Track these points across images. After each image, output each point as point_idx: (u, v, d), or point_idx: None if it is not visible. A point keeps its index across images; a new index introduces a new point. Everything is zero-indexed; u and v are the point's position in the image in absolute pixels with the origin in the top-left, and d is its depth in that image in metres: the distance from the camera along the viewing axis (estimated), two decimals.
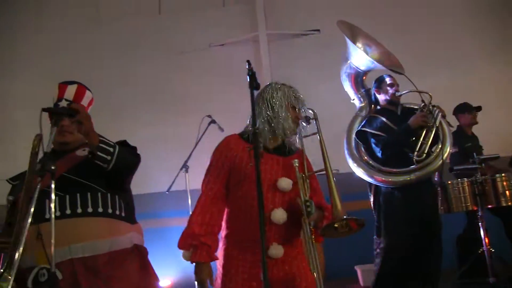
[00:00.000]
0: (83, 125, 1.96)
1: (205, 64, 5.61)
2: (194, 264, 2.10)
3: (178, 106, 5.45)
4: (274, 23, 5.70)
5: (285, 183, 2.14)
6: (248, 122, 2.33)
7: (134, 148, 2.36)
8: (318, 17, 5.74)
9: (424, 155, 3.34)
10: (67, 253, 1.99)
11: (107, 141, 2.08)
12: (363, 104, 3.85)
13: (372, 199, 3.70)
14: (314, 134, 2.27)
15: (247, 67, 1.89)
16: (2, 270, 1.71)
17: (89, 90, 2.42)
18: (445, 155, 3.34)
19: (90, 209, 2.09)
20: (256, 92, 2.08)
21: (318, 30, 5.62)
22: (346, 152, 3.74)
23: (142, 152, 2.50)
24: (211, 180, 2.23)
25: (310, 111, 2.28)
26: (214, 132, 4.28)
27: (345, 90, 3.97)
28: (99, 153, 2.04)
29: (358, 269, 4.56)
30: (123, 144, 2.32)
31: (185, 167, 4.21)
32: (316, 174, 2.28)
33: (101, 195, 2.14)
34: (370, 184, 3.66)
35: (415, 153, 3.34)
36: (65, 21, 6.07)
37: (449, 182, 3.85)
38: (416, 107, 3.60)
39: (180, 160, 4.26)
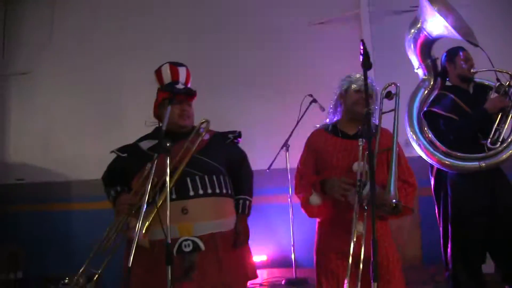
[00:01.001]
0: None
1: (304, 43, 5.58)
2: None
3: (279, 86, 5.47)
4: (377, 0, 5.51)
5: (357, 166, 2.25)
6: (329, 112, 2.63)
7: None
8: None
9: (499, 142, 3.01)
10: (209, 227, 2.24)
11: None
12: (427, 76, 3.44)
13: (433, 183, 3.37)
14: (391, 110, 2.32)
15: (361, 46, 1.86)
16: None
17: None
18: None
19: (224, 190, 2.37)
20: (369, 72, 2.10)
21: None
22: (407, 128, 3.40)
23: (246, 132, 2.62)
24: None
25: (393, 86, 2.34)
26: (315, 111, 4.29)
27: (409, 57, 3.62)
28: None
29: None
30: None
31: (285, 146, 4.29)
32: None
33: (223, 178, 2.40)
34: (432, 167, 3.35)
35: (489, 139, 3.03)
36: (164, 4, 6.32)
37: None
38: (488, 83, 3.28)
39: (281, 139, 4.33)
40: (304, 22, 5.62)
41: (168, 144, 1.94)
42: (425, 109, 3.29)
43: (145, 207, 1.92)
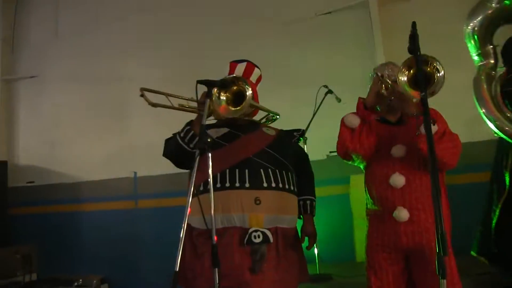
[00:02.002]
0: None
1: (313, 34, 5.51)
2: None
3: (292, 78, 5.41)
4: None
5: (397, 150, 2.31)
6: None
7: None
8: None
9: None
10: (275, 221, 2.23)
11: None
12: (488, 62, 3.53)
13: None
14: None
15: (411, 29, 1.80)
16: None
17: (257, 67, 2.64)
18: None
19: (292, 187, 2.36)
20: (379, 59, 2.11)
21: None
22: (481, 110, 3.44)
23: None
24: None
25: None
26: (331, 102, 4.24)
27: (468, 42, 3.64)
28: None
29: None
30: None
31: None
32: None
33: (291, 175, 2.40)
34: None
35: None
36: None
37: None
38: None
39: None
40: (312, 12, 5.53)
41: (209, 140, 1.91)
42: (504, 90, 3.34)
43: (190, 200, 1.88)
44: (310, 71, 5.29)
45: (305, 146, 4.21)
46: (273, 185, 2.24)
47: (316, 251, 4.15)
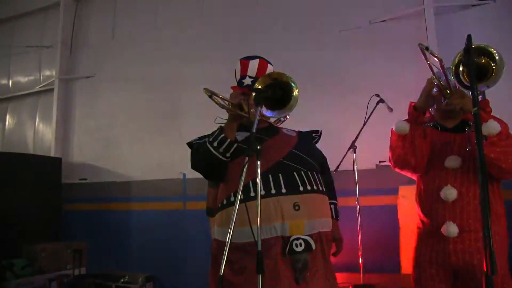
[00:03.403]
0: None
1: (367, 42, 5.45)
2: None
3: (344, 85, 5.36)
4: None
5: (451, 161, 2.22)
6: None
7: None
8: None
9: None
10: (317, 226, 2.13)
11: None
12: None
13: None
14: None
15: (466, 42, 1.75)
16: None
17: (270, 63, 2.48)
18: None
19: (324, 188, 2.26)
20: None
21: (494, 0, 5.13)
22: None
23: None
24: None
25: None
26: (382, 111, 4.17)
27: None
28: None
29: None
30: None
31: (353, 147, 4.18)
32: None
33: (320, 176, 2.30)
34: None
35: None
36: (224, 4, 6.35)
37: None
38: None
39: (347, 141, 4.23)
40: (366, 21, 5.48)
41: (258, 147, 1.81)
42: None
43: (237, 205, 1.74)
44: (363, 79, 5.22)
45: (354, 155, 4.18)
46: (309, 188, 2.12)
47: (360, 260, 4.08)
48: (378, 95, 4.24)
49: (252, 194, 2.03)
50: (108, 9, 7.30)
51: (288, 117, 2.72)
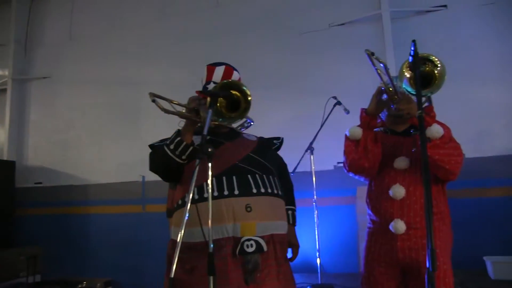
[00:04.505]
0: None
1: (326, 45, 5.54)
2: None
3: (302, 88, 5.42)
4: (398, 0, 5.45)
5: (400, 162, 2.30)
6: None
7: None
8: None
9: None
10: (270, 228, 2.12)
11: None
12: None
13: None
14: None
15: (412, 47, 1.80)
16: None
17: (236, 70, 2.49)
18: None
19: (280, 192, 2.27)
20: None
21: (445, 6, 5.29)
22: None
23: (268, 134, 2.58)
24: None
25: None
26: (340, 113, 4.24)
27: None
28: None
29: (489, 261, 4.28)
30: None
31: (310, 148, 4.23)
32: None
33: (277, 180, 2.30)
34: None
35: None
36: (187, 6, 6.32)
37: None
38: None
39: (305, 142, 4.27)
40: (325, 24, 5.56)
41: (210, 150, 1.80)
42: None
43: (188, 205, 1.74)
44: (322, 82, 5.31)
45: (311, 156, 4.22)
46: (263, 190, 2.14)
47: (318, 260, 4.12)
48: (335, 98, 4.30)
49: (206, 195, 2.04)
50: (65, 8, 7.12)
51: (252, 123, 2.80)
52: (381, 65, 2.15)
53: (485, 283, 3.97)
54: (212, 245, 1.76)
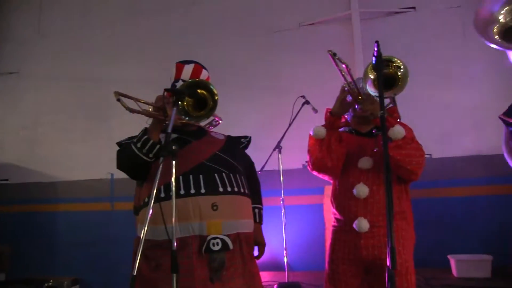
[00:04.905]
0: None
1: (296, 44, 5.57)
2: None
3: (271, 86, 5.45)
4: (367, 1, 5.50)
5: (363, 162, 2.34)
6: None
7: None
8: None
9: None
10: (236, 227, 2.14)
11: None
12: None
13: None
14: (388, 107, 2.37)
15: (375, 48, 1.81)
16: None
17: (205, 68, 2.49)
18: None
19: (247, 191, 2.29)
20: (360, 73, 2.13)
21: (414, 8, 5.38)
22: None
23: (236, 133, 2.59)
24: None
25: None
26: (309, 112, 4.27)
27: None
28: None
29: (452, 259, 4.38)
30: None
31: (278, 147, 4.25)
32: None
33: (244, 179, 2.32)
34: None
35: None
36: (157, 4, 6.29)
37: None
38: None
39: (273, 140, 4.29)
40: (295, 23, 5.59)
41: (174, 148, 1.81)
42: None
43: (152, 204, 1.77)
44: (290, 81, 5.34)
45: (279, 155, 4.25)
46: (229, 189, 2.16)
47: (285, 259, 4.15)
48: (303, 97, 4.33)
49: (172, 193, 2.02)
50: (34, 3, 6.98)
51: (220, 122, 2.78)
52: (343, 66, 2.16)
53: (449, 281, 4.07)
54: (175, 243, 1.78)
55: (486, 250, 4.19)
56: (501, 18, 1.78)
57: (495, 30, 1.79)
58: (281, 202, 4.20)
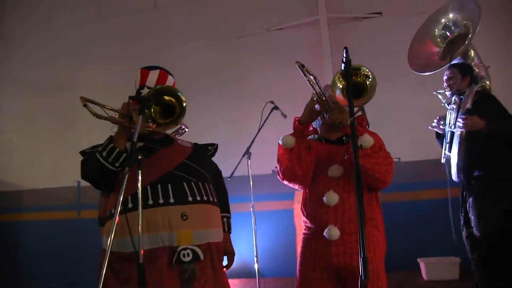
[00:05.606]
0: None
1: (264, 49, 5.57)
2: None
3: (239, 92, 5.44)
4: (334, 6, 5.55)
5: (333, 170, 2.33)
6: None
7: None
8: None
9: None
10: (206, 236, 2.10)
11: None
12: None
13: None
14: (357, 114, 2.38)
15: (344, 54, 1.81)
16: None
17: (171, 74, 2.44)
18: None
19: (215, 199, 2.25)
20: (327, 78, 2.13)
21: (380, 13, 5.45)
22: None
23: (204, 139, 2.56)
24: None
25: None
26: (278, 118, 4.26)
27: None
28: None
29: (422, 262, 4.42)
30: None
31: (247, 153, 4.22)
32: None
33: (212, 187, 2.27)
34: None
35: None
36: (123, 8, 6.21)
37: None
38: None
39: (242, 146, 4.27)
40: (263, 28, 5.60)
41: (139, 157, 1.78)
42: None
43: (117, 215, 1.73)
44: (260, 86, 5.33)
45: (249, 161, 4.22)
46: (198, 198, 2.11)
47: (256, 265, 4.12)
48: (272, 102, 4.32)
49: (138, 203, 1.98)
50: None
51: (187, 130, 2.76)
52: (311, 77, 2.16)
53: (419, 284, 4.11)
54: (141, 256, 1.74)
55: (455, 253, 4.26)
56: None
57: None
58: (251, 208, 4.17)
